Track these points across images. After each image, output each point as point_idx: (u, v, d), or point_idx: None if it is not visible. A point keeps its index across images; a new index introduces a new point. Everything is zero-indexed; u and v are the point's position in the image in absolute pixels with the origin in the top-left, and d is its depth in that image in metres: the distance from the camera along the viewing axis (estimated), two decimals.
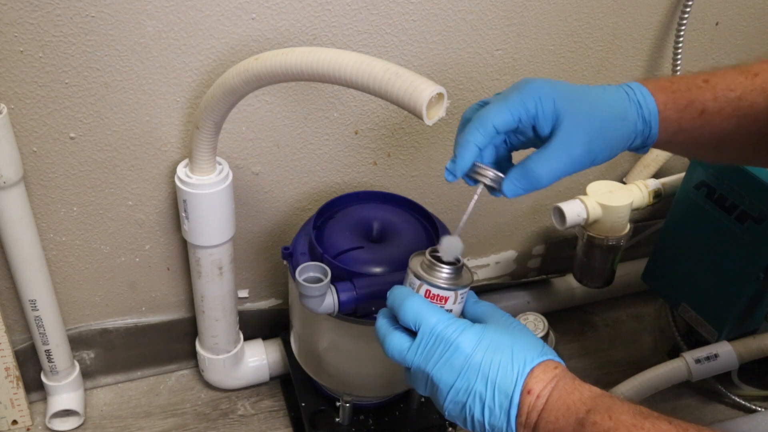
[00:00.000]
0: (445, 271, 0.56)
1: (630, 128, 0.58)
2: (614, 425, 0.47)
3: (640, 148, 0.61)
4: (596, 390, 0.52)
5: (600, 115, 0.57)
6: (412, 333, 0.55)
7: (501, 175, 0.56)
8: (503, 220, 1.14)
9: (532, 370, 0.51)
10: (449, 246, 0.57)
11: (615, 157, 0.59)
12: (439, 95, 0.59)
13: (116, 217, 0.89)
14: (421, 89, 0.58)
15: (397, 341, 0.55)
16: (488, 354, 0.52)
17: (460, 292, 0.56)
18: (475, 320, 0.56)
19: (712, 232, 0.95)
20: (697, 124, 0.59)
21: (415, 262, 0.58)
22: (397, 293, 0.56)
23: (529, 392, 0.51)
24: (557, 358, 0.53)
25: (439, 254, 0.57)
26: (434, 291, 0.56)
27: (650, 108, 0.59)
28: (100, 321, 0.99)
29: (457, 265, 0.57)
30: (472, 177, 0.57)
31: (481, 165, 0.57)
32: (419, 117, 0.59)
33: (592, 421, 0.48)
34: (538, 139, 0.58)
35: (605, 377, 1.12)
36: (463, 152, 0.55)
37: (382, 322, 0.57)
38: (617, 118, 0.58)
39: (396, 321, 0.56)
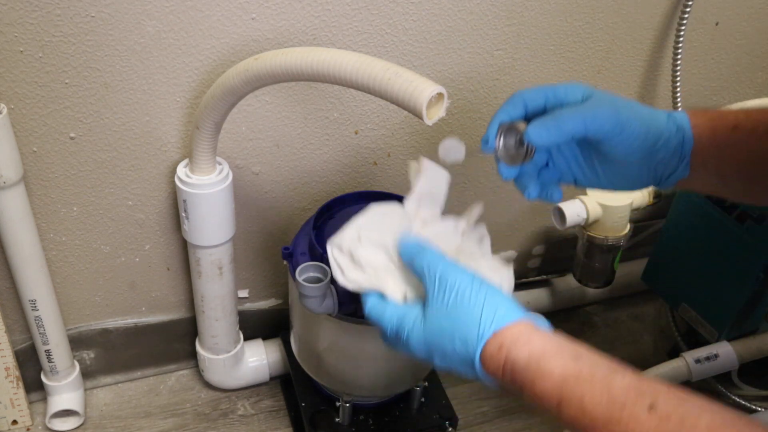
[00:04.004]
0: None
1: (660, 117, 0.58)
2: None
3: (679, 156, 0.58)
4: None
5: (625, 99, 0.59)
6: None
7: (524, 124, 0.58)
8: (503, 220, 1.14)
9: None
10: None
11: (650, 150, 0.58)
12: (439, 95, 0.59)
13: (116, 217, 0.89)
14: (421, 89, 0.58)
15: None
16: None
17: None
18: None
19: (712, 232, 0.95)
20: (732, 141, 0.57)
21: None
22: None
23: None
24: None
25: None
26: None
27: (680, 115, 0.59)
28: (100, 321, 0.99)
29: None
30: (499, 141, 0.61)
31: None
32: (419, 117, 0.59)
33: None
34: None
35: None
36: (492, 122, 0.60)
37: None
38: (645, 108, 0.59)
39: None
